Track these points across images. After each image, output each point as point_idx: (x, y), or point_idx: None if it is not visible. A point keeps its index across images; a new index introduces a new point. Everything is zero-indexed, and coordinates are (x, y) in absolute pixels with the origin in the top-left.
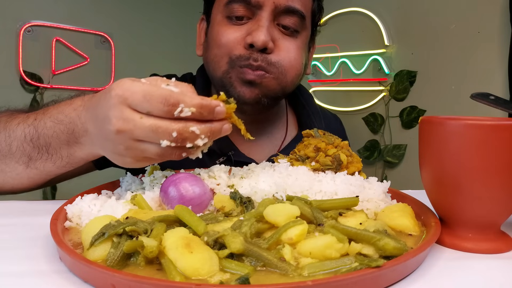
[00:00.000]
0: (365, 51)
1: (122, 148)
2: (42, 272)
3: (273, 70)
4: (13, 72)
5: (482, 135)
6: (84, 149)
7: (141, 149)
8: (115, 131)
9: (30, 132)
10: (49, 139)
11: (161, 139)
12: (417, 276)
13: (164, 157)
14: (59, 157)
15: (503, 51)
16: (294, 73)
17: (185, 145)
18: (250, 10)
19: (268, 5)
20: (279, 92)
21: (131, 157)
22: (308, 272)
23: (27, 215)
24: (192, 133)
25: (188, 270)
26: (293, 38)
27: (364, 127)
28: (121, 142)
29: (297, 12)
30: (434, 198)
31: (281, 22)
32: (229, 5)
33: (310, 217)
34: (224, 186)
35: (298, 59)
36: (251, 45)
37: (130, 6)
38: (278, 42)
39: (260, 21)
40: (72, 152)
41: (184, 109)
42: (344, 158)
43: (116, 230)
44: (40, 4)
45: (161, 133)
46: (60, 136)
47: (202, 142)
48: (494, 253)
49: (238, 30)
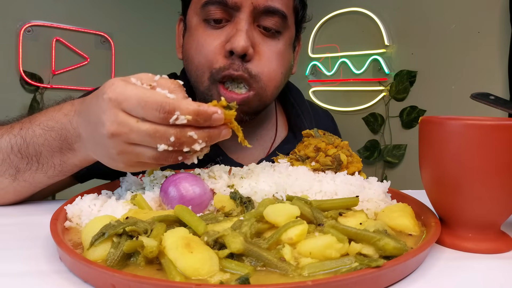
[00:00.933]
0: (365, 51)
1: (114, 153)
2: (42, 272)
3: (254, 85)
4: (13, 72)
5: (482, 135)
6: (77, 155)
7: (135, 153)
8: (108, 134)
9: (17, 142)
10: (40, 148)
11: (158, 144)
12: (417, 276)
13: (159, 160)
14: (51, 166)
15: (503, 51)
16: (273, 86)
17: (182, 149)
18: (228, 12)
19: (246, 6)
20: (259, 107)
21: (123, 162)
22: (308, 272)
23: (27, 215)
24: (189, 137)
25: (188, 270)
26: (275, 41)
27: (364, 127)
28: (114, 146)
29: (277, 12)
30: (434, 198)
31: (262, 24)
32: (205, 8)
33: (310, 217)
34: (224, 186)
35: (278, 69)
36: (231, 52)
37: (130, 6)
38: (259, 48)
39: (238, 24)
40: (65, 159)
41: (179, 116)
42: (344, 158)
43: (116, 230)
44: (40, 4)
45: (158, 138)
46: (52, 143)
47: (199, 146)
48: (494, 253)
49: (217, 36)
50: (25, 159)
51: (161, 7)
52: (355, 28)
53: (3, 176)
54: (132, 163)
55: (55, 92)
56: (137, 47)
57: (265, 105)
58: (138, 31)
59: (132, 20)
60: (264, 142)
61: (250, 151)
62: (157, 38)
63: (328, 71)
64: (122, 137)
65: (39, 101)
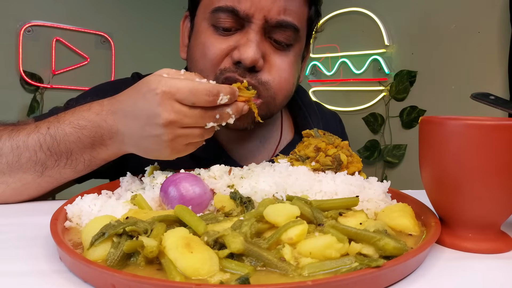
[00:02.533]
0: (365, 51)
1: (167, 139)
2: (42, 272)
3: (264, 93)
4: (13, 72)
5: (482, 135)
6: (109, 149)
7: (187, 135)
8: (166, 123)
9: (46, 141)
10: (71, 145)
11: (207, 122)
12: (417, 276)
13: (205, 135)
14: (80, 161)
15: (503, 51)
16: (283, 96)
17: (222, 123)
18: (238, 22)
19: (258, 19)
20: (266, 116)
21: (173, 148)
22: (308, 272)
23: (27, 215)
24: (227, 113)
25: (188, 270)
26: (285, 53)
27: (364, 127)
28: (168, 133)
29: (290, 26)
30: (434, 198)
31: (273, 36)
32: (215, 14)
33: (310, 217)
34: (224, 186)
35: (290, 79)
36: (238, 62)
37: (130, 6)
38: (269, 58)
39: (249, 34)
40: (95, 154)
41: (223, 97)
42: (344, 158)
43: (116, 230)
44: (40, 4)
45: (207, 117)
46: (84, 140)
47: (232, 120)
48: (494, 253)
49: (225, 41)
50: (53, 156)
51: (161, 7)
52: (355, 28)
53: (27, 173)
54: (180, 147)
55: (55, 92)
56: (137, 47)
57: (272, 114)
58: (138, 31)
59: (132, 20)
60: (268, 144)
61: (253, 153)
62: (157, 38)
63: (328, 71)
64: (178, 123)
65: (39, 101)
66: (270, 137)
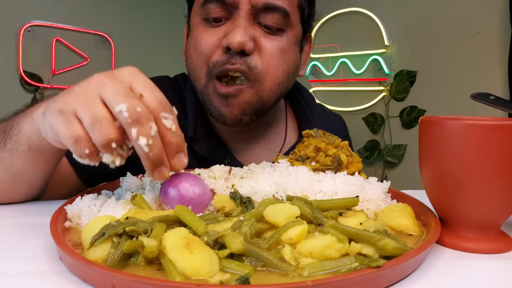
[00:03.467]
0: (365, 51)
1: (75, 90)
2: (42, 272)
3: (252, 77)
4: (13, 72)
5: (482, 135)
6: (30, 121)
7: (89, 101)
8: (95, 77)
9: (6, 121)
10: (17, 118)
11: (122, 103)
12: (417, 276)
13: (93, 124)
14: (9, 136)
15: (503, 51)
16: (271, 81)
17: (130, 130)
18: (227, 10)
19: (244, 3)
20: (257, 104)
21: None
22: (308, 272)
23: (27, 215)
24: (149, 128)
25: (188, 270)
26: (277, 38)
27: (364, 127)
28: (83, 86)
29: (278, 9)
30: (434, 198)
31: (262, 21)
32: (205, 6)
33: (310, 217)
34: (224, 186)
35: (279, 65)
36: (228, 48)
37: (130, 6)
38: (259, 41)
39: (236, 20)
40: (21, 126)
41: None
42: (344, 158)
43: (116, 230)
44: (40, 4)
45: (128, 100)
46: (26, 111)
47: (143, 142)
48: (494, 253)
49: (215, 33)
50: (1, 135)
51: (161, 7)
52: (355, 28)
53: None
54: (70, 108)
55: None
56: (137, 47)
57: (264, 102)
58: (138, 31)
59: (132, 20)
60: (272, 146)
61: (258, 154)
62: (157, 38)
63: (328, 71)
64: (101, 83)
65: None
66: (275, 138)
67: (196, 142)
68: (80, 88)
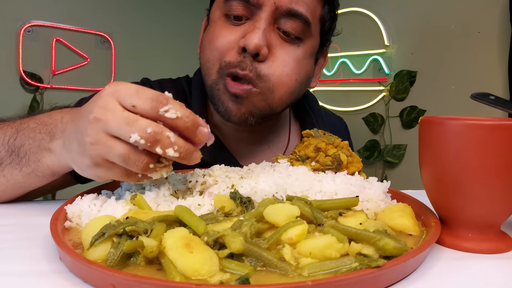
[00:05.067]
0: (365, 51)
1: (88, 142)
2: (42, 272)
3: (260, 85)
4: (13, 72)
5: (482, 135)
6: (51, 155)
7: (107, 146)
8: (92, 119)
9: (10, 133)
10: (25, 140)
11: (132, 133)
12: (417, 276)
13: (127, 161)
14: (26, 162)
15: (503, 51)
16: (283, 91)
17: (154, 149)
18: (249, 9)
19: (268, 5)
20: (265, 110)
21: (92, 157)
22: (308, 272)
23: (27, 215)
24: (167, 137)
25: (188, 270)
26: (293, 47)
27: (364, 127)
28: (91, 134)
29: (300, 16)
30: (434, 198)
31: (282, 27)
32: (227, 2)
33: (310, 217)
34: (224, 186)
35: (292, 75)
36: (244, 49)
37: (130, 6)
38: (275, 50)
39: (257, 22)
40: (40, 157)
41: (171, 109)
42: (344, 158)
43: (116, 230)
44: (40, 4)
45: (135, 127)
46: (37, 137)
47: (173, 153)
48: (494, 253)
49: (233, 32)
50: (9, 152)
51: (161, 7)
52: (355, 28)
53: None
54: (99, 159)
55: (55, 92)
56: (137, 47)
57: (272, 110)
58: (138, 31)
59: (132, 20)
60: (276, 149)
61: (261, 158)
62: (157, 38)
63: (328, 71)
64: (102, 122)
65: (39, 101)
66: (278, 141)
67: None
68: (89, 138)
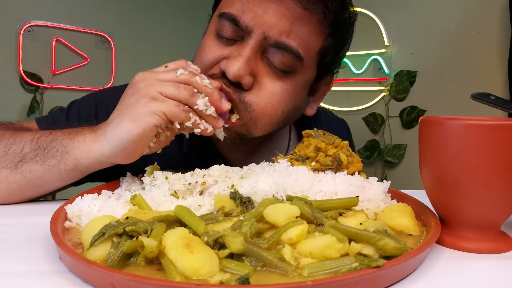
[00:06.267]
0: (365, 51)
1: (142, 86)
2: (42, 272)
3: (242, 113)
4: (13, 72)
5: (482, 135)
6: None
7: (160, 83)
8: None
9: (43, 133)
10: (57, 136)
11: (178, 71)
12: (417, 276)
13: (178, 88)
14: (52, 154)
15: (503, 51)
16: (266, 121)
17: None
18: (238, 33)
19: (256, 34)
20: (245, 136)
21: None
22: (308, 272)
23: (27, 215)
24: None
25: (188, 270)
26: (281, 79)
27: (364, 127)
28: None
29: (290, 51)
30: (434, 198)
31: (270, 58)
32: (220, 19)
33: (310, 217)
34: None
35: (278, 107)
36: (224, 72)
37: (130, 6)
38: (261, 79)
39: (243, 49)
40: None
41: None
42: (344, 158)
43: (116, 230)
44: (40, 4)
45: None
46: (71, 132)
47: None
48: (494, 253)
49: (221, 50)
50: (35, 147)
51: (161, 7)
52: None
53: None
54: (155, 93)
55: (55, 92)
56: (137, 47)
57: (253, 136)
58: (138, 31)
59: (132, 20)
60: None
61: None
62: (157, 38)
63: None
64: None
65: (39, 101)
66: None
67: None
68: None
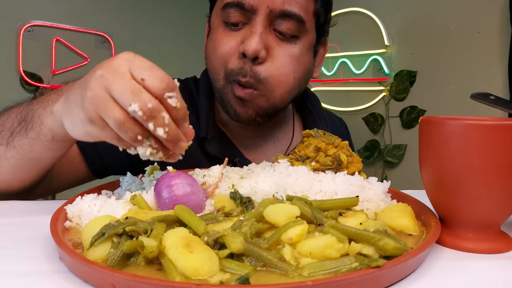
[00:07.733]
0: (365, 51)
1: (89, 95)
2: (42, 272)
3: (261, 87)
4: (13, 72)
5: (482, 135)
6: (52, 115)
7: (105, 106)
8: (99, 75)
9: (27, 105)
10: (36, 106)
11: (133, 102)
12: (417, 276)
13: (120, 128)
14: (31, 127)
15: (503, 51)
16: (282, 90)
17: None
18: (245, 15)
19: (262, 9)
20: (269, 109)
21: (88, 110)
22: (308, 272)
23: (27, 215)
24: (162, 118)
25: (188, 270)
26: (290, 45)
27: (364, 127)
28: (93, 88)
29: (294, 16)
30: (434, 198)
31: (278, 28)
32: (225, 10)
33: (310, 217)
34: (224, 186)
35: (290, 73)
36: (244, 54)
37: (130, 6)
38: (273, 51)
39: (253, 27)
40: (43, 119)
41: (174, 98)
42: (344, 158)
43: (116, 230)
44: (40, 4)
45: (137, 98)
46: (46, 100)
47: (162, 132)
48: (494, 253)
49: (233, 37)
50: (20, 120)
51: (161, 7)
52: (355, 28)
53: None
54: (95, 115)
55: None
56: (137, 47)
57: (275, 107)
58: (138, 31)
59: (132, 20)
60: (280, 144)
61: (266, 152)
62: (157, 38)
63: (328, 71)
64: (108, 82)
65: None
66: (282, 137)
67: (208, 142)
68: (90, 92)
